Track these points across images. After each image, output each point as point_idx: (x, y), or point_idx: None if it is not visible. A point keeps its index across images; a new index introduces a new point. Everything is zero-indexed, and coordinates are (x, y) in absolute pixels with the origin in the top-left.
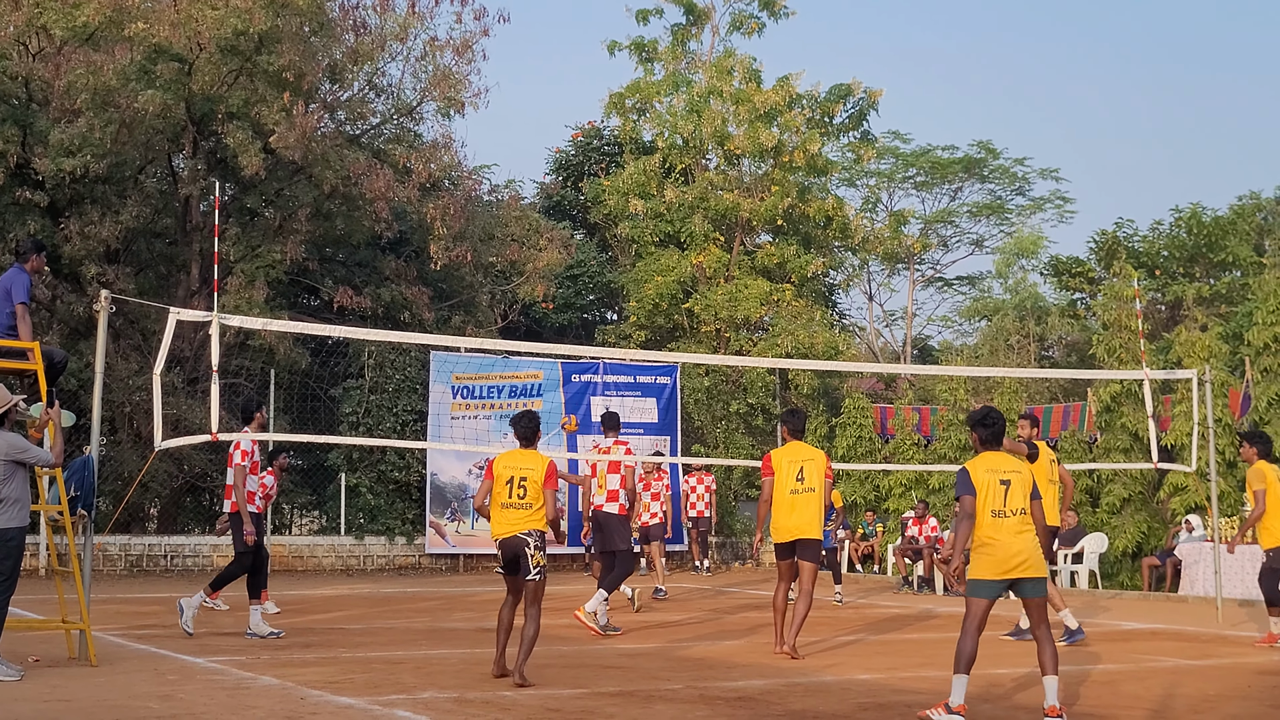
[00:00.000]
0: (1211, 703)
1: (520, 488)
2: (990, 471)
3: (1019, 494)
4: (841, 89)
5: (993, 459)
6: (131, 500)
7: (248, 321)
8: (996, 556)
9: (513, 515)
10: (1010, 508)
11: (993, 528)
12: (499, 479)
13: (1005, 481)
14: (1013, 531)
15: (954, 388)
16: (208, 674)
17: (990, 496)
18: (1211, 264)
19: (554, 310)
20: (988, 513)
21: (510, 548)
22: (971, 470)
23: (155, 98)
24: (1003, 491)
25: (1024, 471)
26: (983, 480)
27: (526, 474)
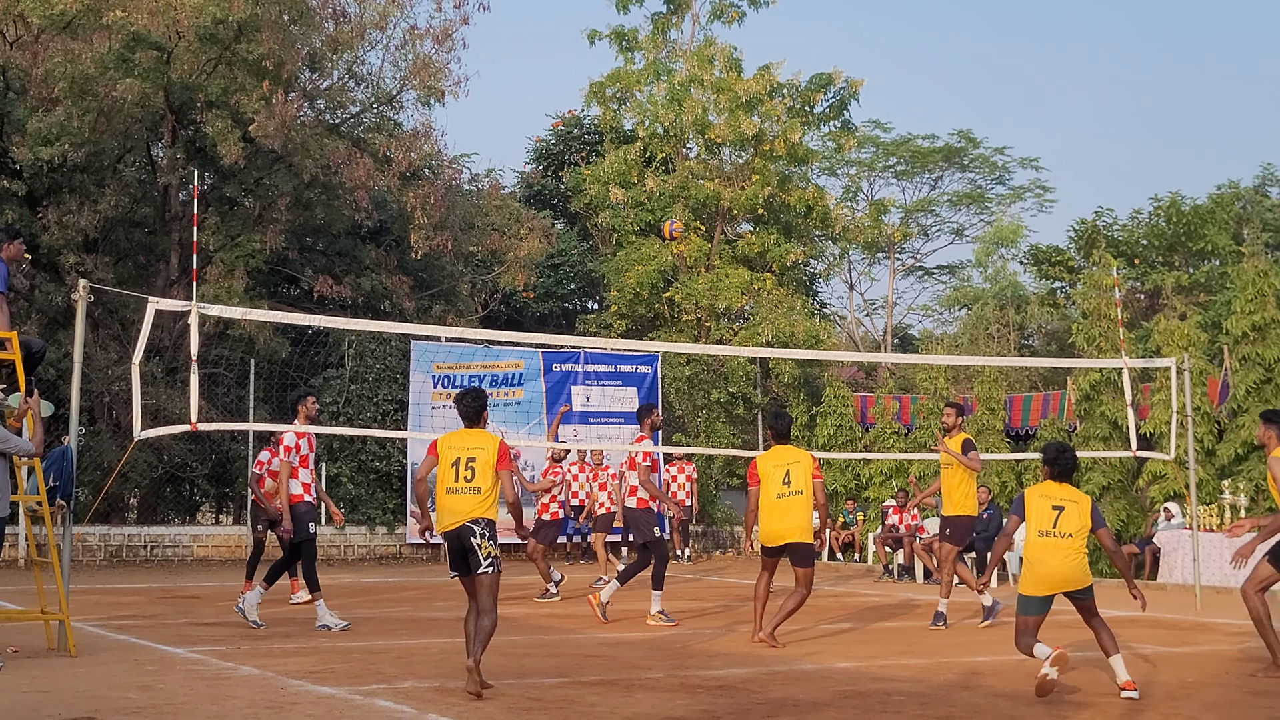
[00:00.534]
0: (1189, 689)
1: (468, 469)
2: (1044, 497)
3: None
4: (822, 78)
5: (1048, 487)
6: (111, 490)
7: (227, 311)
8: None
9: (459, 502)
10: (1060, 530)
11: (1040, 548)
12: (443, 461)
13: (1059, 507)
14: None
15: (934, 376)
16: (188, 664)
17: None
18: (1190, 253)
19: (535, 299)
20: (1035, 533)
21: (457, 539)
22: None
23: (134, 86)
24: (1055, 516)
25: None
26: (1035, 506)
27: (475, 454)
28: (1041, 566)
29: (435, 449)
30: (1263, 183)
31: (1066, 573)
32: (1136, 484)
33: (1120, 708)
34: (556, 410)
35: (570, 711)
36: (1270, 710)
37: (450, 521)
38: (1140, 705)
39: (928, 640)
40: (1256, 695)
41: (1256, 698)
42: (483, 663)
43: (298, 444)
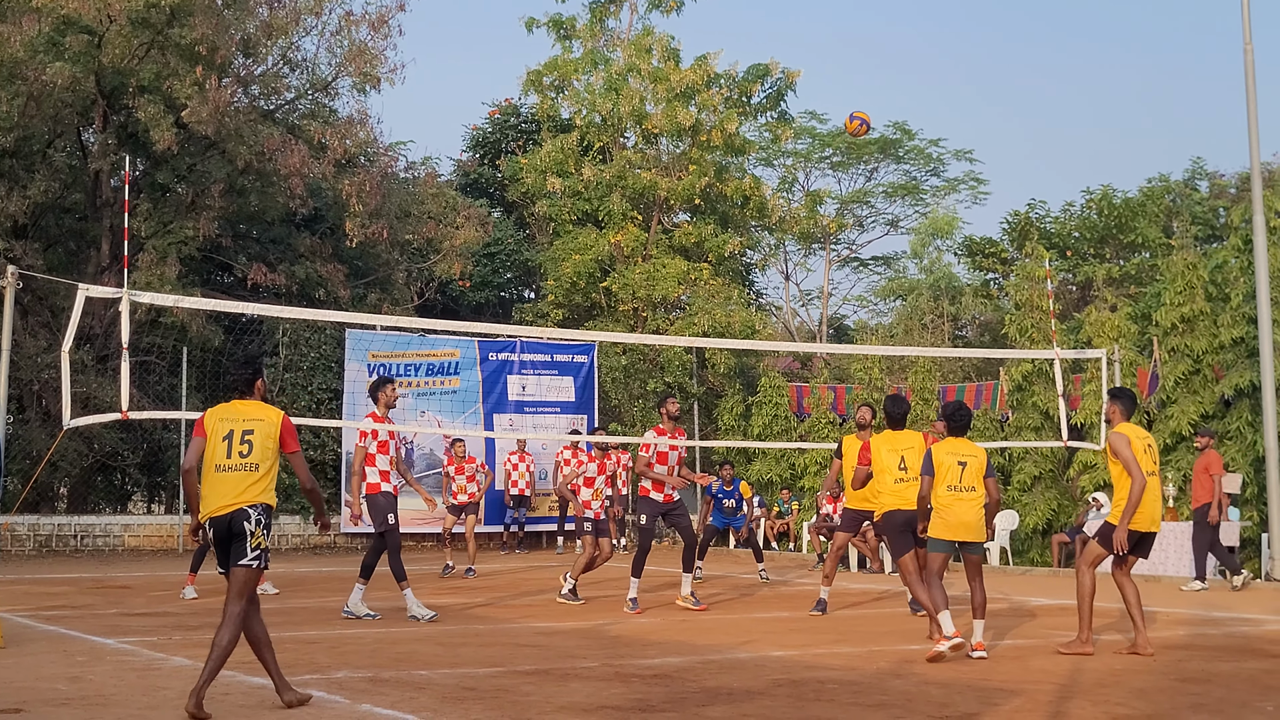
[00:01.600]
0: (1118, 676)
1: (244, 443)
2: (950, 454)
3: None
4: (759, 69)
5: (951, 444)
6: (40, 479)
7: (159, 298)
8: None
9: (232, 481)
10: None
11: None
12: (213, 436)
13: (963, 462)
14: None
15: (869, 367)
16: (118, 655)
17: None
18: (1121, 245)
19: (471, 288)
20: (944, 488)
21: (226, 526)
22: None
23: (64, 70)
24: (960, 471)
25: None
26: (941, 461)
27: (253, 426)
28: (950, 514)
29: (202, 426)
30: (1192, 176)
31: (969, 523)
32: (1067, 474)
33: (1050, 695)
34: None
35: (505, 701)
36: (1196, 697)
37: (220, 505)
38: (1070, 692)
39: (861, 629)
40: (1183, 682)
41: (1183, 684)
42: (417, 653)
43: (375, 430)
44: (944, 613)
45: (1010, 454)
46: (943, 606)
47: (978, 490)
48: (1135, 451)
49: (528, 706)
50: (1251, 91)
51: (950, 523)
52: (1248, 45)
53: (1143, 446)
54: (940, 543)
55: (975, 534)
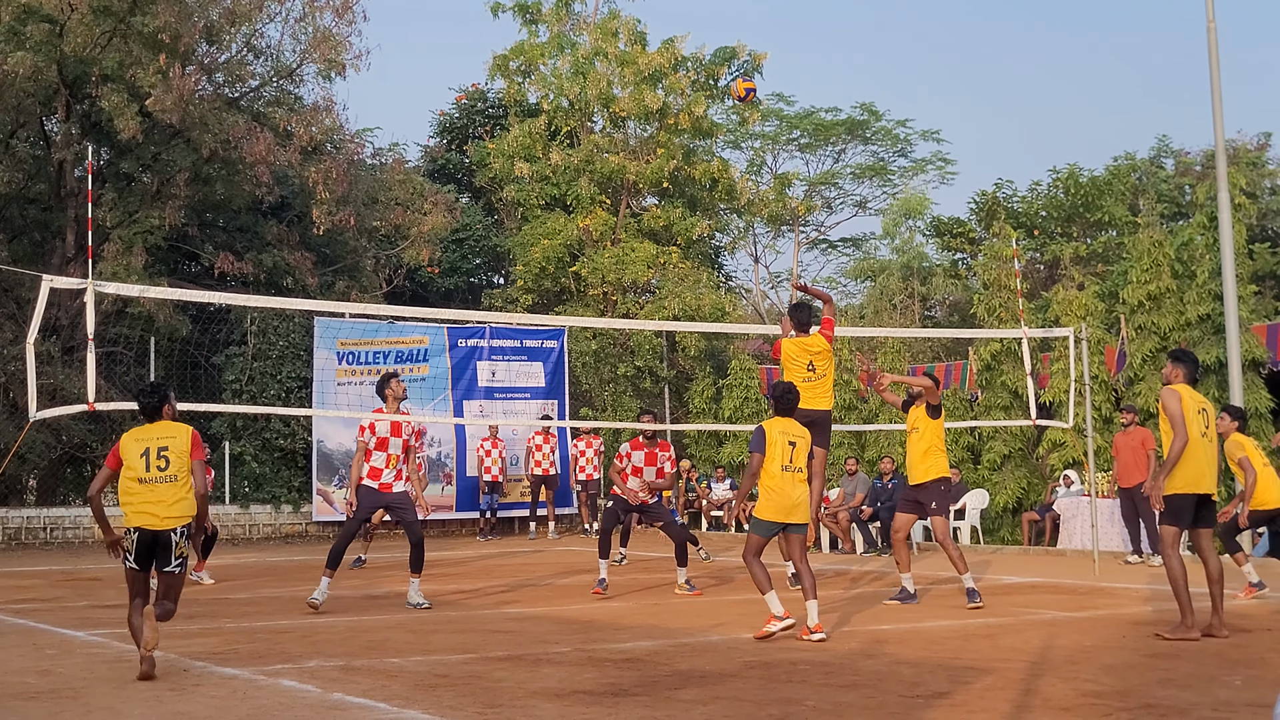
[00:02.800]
0: (1088, 653)
1: (160, 458)
2: (783, 433)
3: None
4: (726, 52)
5: (787, 424)
6: (8, 472)
7: (124, 288)
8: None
9: (157, 493)
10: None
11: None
12: (130, 454)
13: (794, 442)
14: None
15: (838, 348)
16: (88, 647)
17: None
18: (1088, 224)
19: (439, 274)
20: (778, 467)
21: (153, 539)
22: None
23: (25, 59)
24: (791, 451)
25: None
26: (774, 439)
27: (167, 443)
28: (782, 495)
29: (116, 456)
30: (1158, 154)
31: (800, 503)
32: (1036, 452)
33: (1021, 672)
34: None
35: (478, 687)
36: (1165, 672)
37: (152, 520)
38: (1041, 669)
39: (832, 610)
40: (1153, 658)
41: (1153, 660)
42: (389, 641)
43: (373, 425)
44: (771, 593)
45: (980, 433)
46: (769, 587)
47: (804, 470)
48: (1185, 410)
49: (500, 693)
50: (1215, 69)
51: (783, 504)
52: (1211, 23)
53: (1196, 408)
54: (766, 524)
55: (804, 514)
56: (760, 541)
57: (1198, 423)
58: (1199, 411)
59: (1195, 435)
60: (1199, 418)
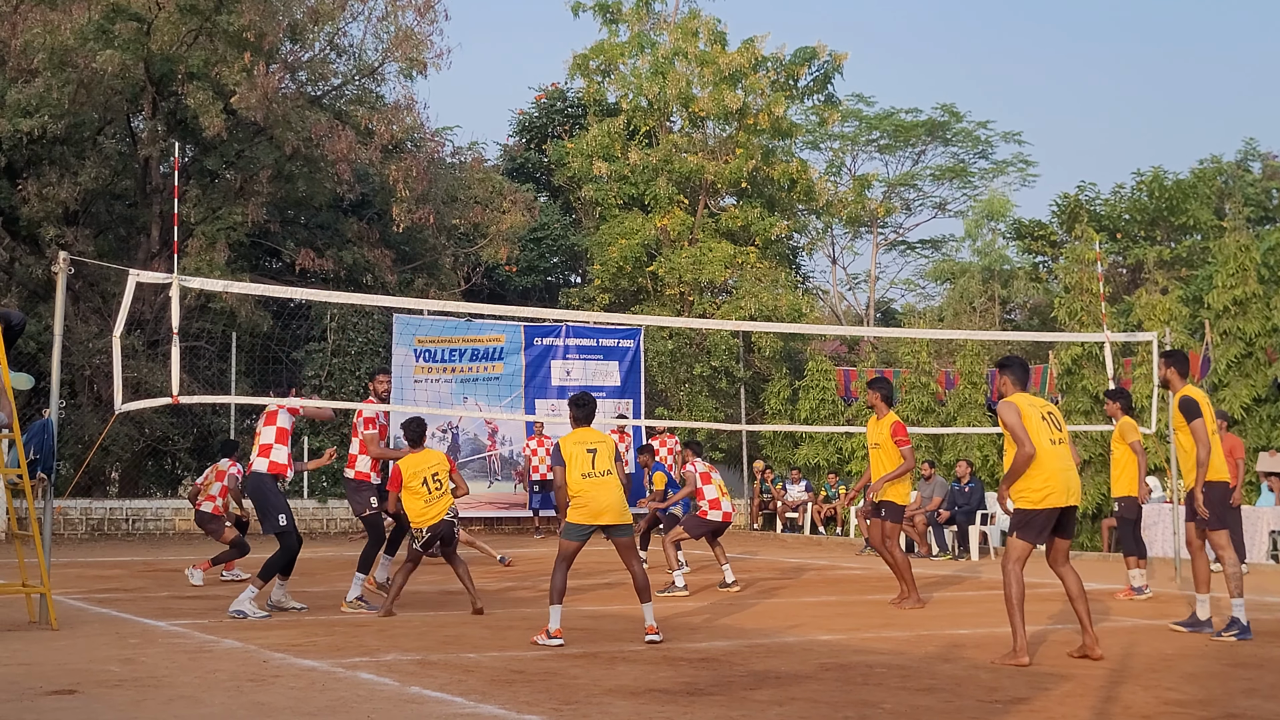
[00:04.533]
0: (1169, 661)
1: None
2: (578, 444)
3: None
4: (806, 51)
5: (583, 434)
6: (92, 464)
7: (208, 284)
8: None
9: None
10: (599, 469)
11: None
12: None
13: (592, 450)
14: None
15: (916, 351)
16: (170, 637)
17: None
18: (1172, 227)
19: (517, 273)
20: (577, 474)
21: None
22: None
23: (114, 57)
24: (590, 458)
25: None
26: (571, 452)
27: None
28: (589, 499)
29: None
30: (1244, 157)
31: (611, 506)
32: None
33: (1101, 679)
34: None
35: (553, 684)
36: (1248, 681)
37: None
38: (1121, 677)
39: (909, 614)
40: (1235, 667)
41: (1235, 669)
42: (465, 636)
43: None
44: (557, 606)
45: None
46: (557, 600)
47: (613, 474)
48: (1026, 420)
49: (575, 690)
50: None
51: (591, 509)
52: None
53: (1038, 415)
54: (576, 528)
55: (618, 516)
56: (571, 547)
57: (1044, 430)
58: (1043, 418)
59: (1044, 445)
60: (1044, 425)
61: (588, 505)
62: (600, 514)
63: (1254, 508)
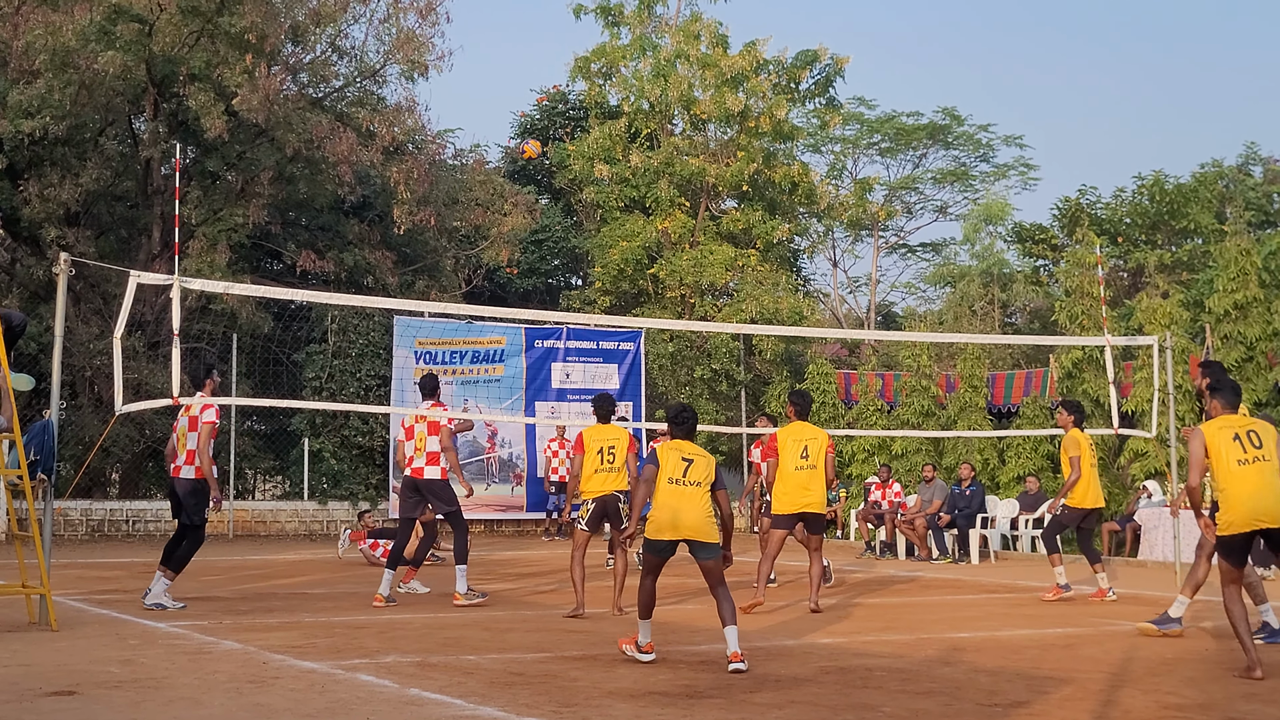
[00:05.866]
0: (1169, 665)
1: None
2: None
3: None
4: (808, 55)
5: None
6: (92, 465)
7: (209, 285)
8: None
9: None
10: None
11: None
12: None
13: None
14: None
15: (917, 354)
16: (170, 638)
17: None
18: (1173, 231)
19: (518, 275)
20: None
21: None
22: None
23: (115, 59)
24: (685, 466)
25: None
26: (666, 457)
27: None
28: (668, 511)
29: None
30: (1246, 161)
31: (691, 521)
32: (1118, 462)
33: (1101, 683)
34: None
35: (552, 686)
36: (1249, 686)
37: None
38: (1121, 680)
39: (909, 616)
40: (1235, 671)
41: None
42: (465, 638)
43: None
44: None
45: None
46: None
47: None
48: (783, 446)
49: (575, 692)
50: None
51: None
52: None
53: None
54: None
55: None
56: (655, 562)
57: (1233, 451)
58: (1235, 438)
59: (1229, 468)
60: (1234, 445)
61: (662, 514)
62: (679, 527)
63: None
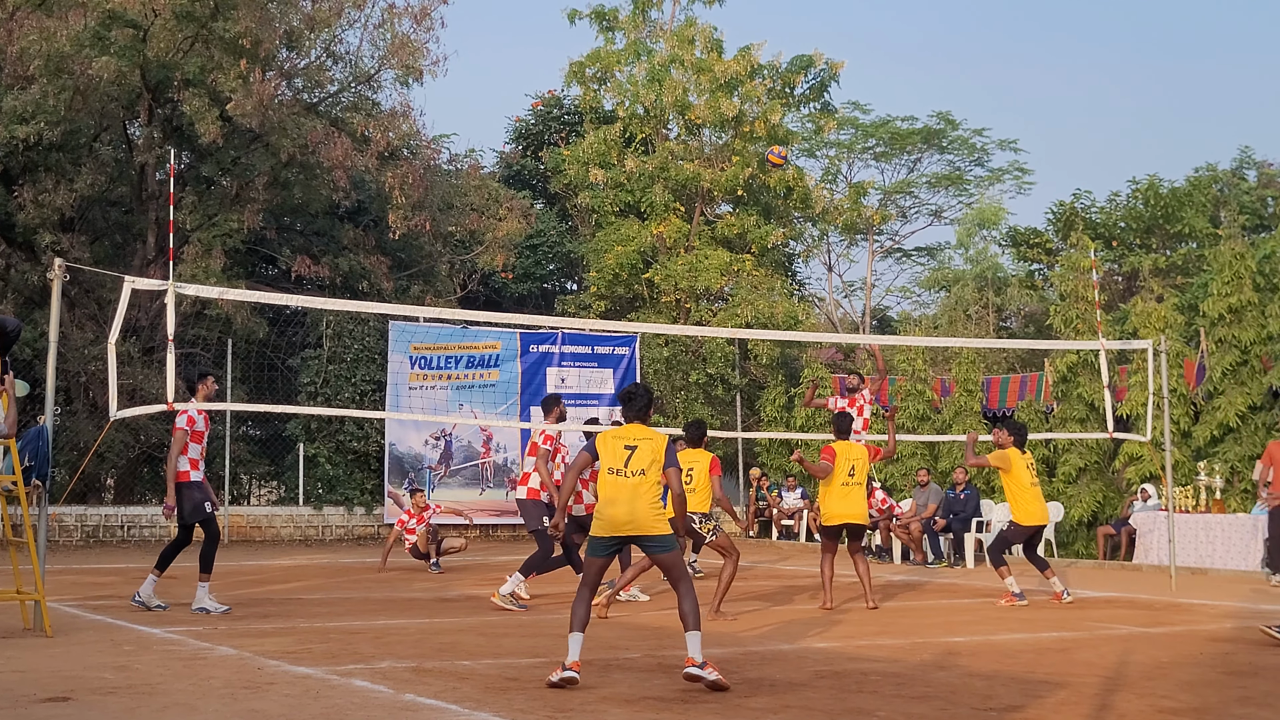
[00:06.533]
0: (1164, 669)
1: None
2: (617, 438)
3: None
4: (803, 60)
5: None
6: (87, 470)
7: (204, 290)
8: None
9: None
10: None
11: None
12: None
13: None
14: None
15: (912, 358)
16: (164, 644)
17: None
18: (1168, 235)
19: (513, 280)
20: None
21: None
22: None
23: (110, 64)
24: (627, 455)
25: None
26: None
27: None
28: (609, 506)
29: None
30: (1240, 165)
31: (633, 515)
32: (1113, 465)
33: (1096, 687)
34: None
35: (547, 691)
36: (1244, 690)
37: None
38: (1115, 685)
39: (903, 621)
40: (1231, 675)
41: (1231, 677)
42: (460, 643)
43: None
44: None
45: (1055, 445)
46: None
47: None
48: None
49: (570, 697)
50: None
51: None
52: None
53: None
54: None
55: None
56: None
57: (841, 474)
58: (850, 465)
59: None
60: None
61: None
62: (618, 523)
63: (1249, 515)
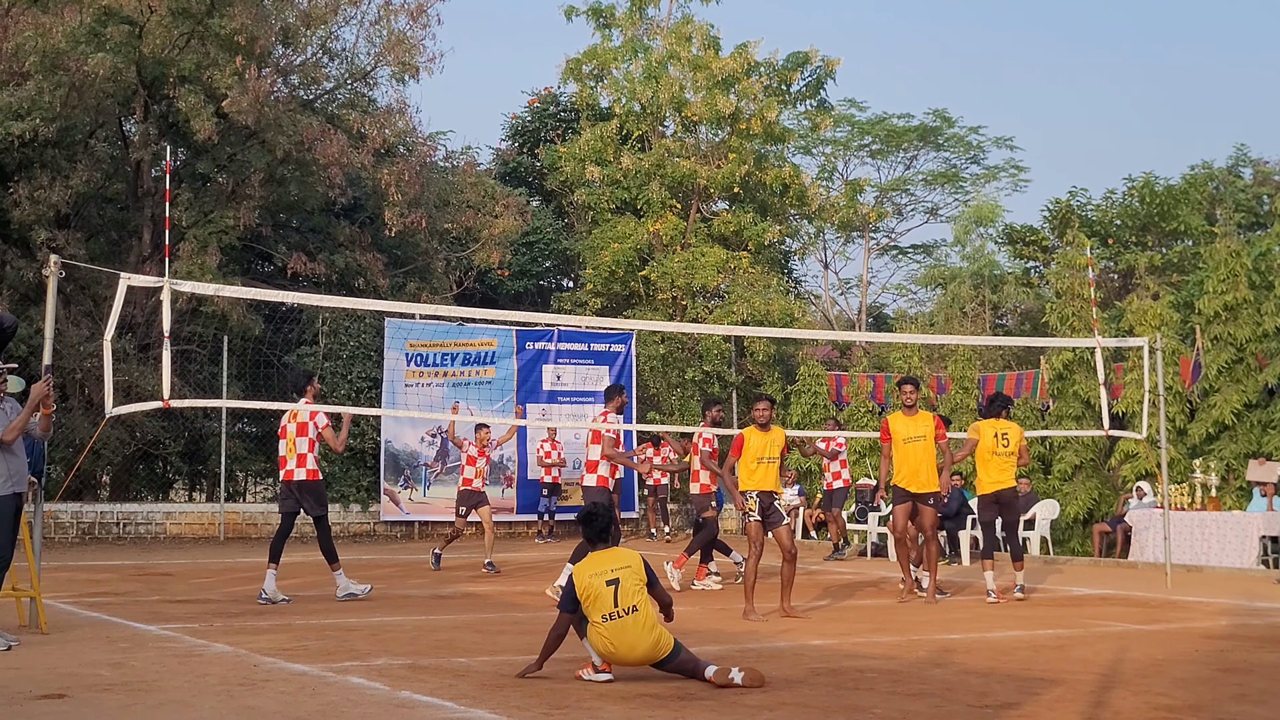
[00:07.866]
0: (1159, 667)
1: None
2: (595, 575)
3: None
4: (799, 57)
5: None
6: (83, 467)
7: (200, 287)
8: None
9: None
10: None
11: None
12: None
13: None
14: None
15: (908, 355)
16: (160, 641)
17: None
18: (1163, 233)
19: (509, 277)
20: (598, 618)
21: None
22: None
23: (105, 61)
24: (613, 591)
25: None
26: (586, 585)
27: None
28: (615, 652)
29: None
30: (1235, 163)
31: (644, 654)
32: (1109, 463)
33: (1091, 685)
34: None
35: (544, 688)
36: (1239, 687)
37: None
38: (1111, 682)
39: (900, 618)
40: (1226, 672)
41: (1226, 674)
42: (457, 640)
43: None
44: None
45: (1051, 443)
46: None
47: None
48: None
49: (567, 694)
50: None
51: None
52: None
53: None
54: None
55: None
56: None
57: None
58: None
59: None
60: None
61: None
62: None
63: (1244, 513)
